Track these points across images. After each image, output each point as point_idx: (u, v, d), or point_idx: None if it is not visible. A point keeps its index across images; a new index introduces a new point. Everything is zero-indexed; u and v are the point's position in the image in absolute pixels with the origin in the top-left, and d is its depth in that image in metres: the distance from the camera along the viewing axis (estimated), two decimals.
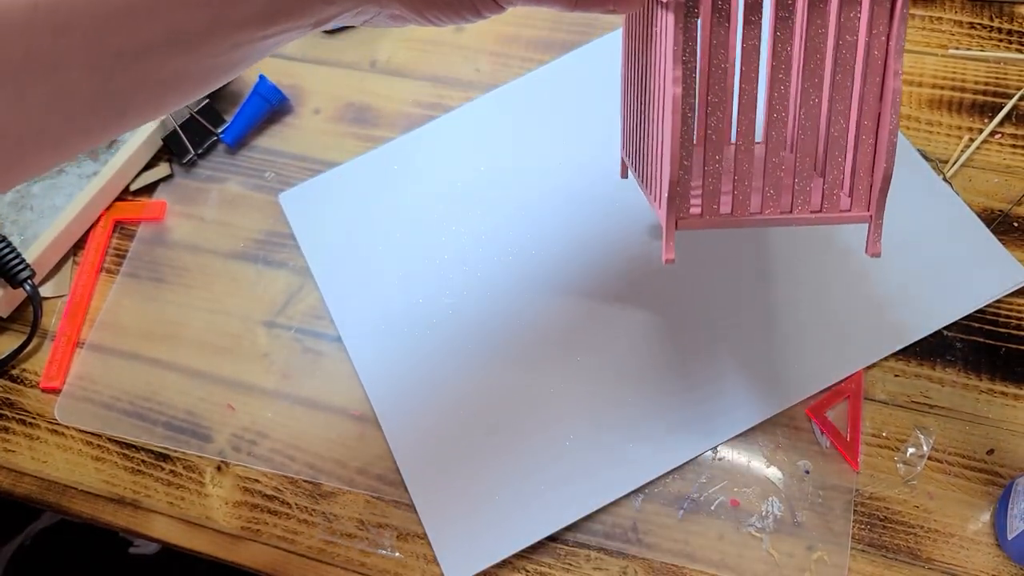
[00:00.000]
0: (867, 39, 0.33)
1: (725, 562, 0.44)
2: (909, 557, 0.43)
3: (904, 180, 0.52)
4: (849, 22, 0.33)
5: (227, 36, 0.30)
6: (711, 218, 0.34)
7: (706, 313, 0.49)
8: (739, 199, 0.34)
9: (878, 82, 0.33)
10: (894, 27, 0.32)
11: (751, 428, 0.47)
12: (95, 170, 0.57)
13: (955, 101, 0.55)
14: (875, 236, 0.34)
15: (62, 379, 0.53)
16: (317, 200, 0.57)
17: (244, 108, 0.59)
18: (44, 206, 0.56)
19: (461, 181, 0.56)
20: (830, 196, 0.35)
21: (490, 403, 0.49)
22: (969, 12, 0.58)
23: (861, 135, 0.34)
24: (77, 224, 0.57)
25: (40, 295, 0.55)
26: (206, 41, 0.29)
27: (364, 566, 0.46)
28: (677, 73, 0.32)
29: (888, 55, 0.33)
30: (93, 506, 0.50)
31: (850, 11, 0.33)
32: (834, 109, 0.34)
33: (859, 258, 0.50)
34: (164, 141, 0.59)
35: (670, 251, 0.34)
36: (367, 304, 0.53)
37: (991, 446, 0.45)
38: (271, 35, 0.31)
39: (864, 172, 0.34)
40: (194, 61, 0.30)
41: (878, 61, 0.33)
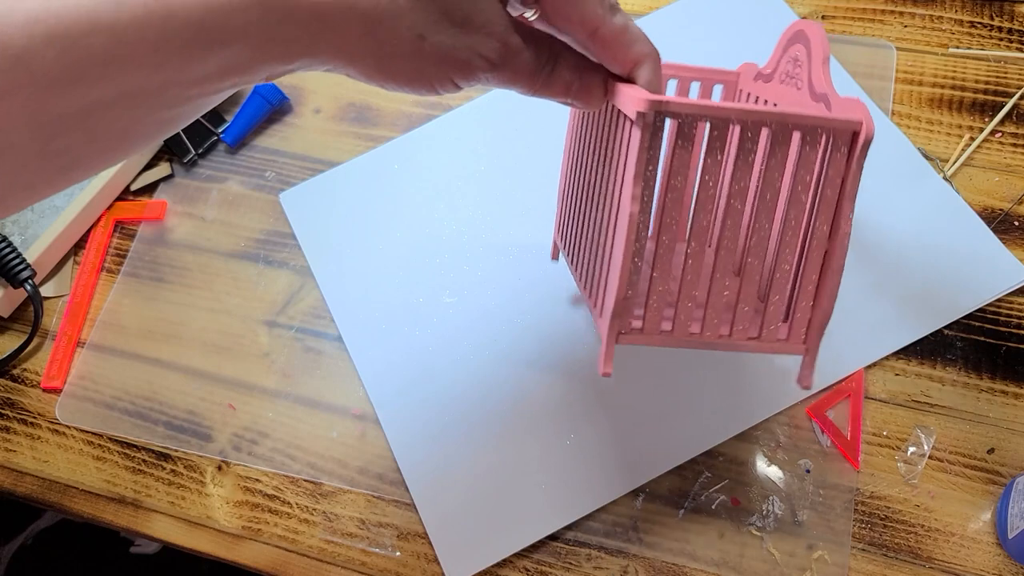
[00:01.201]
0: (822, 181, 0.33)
1: (726, 561, 0.44)
2: (910, 556, 0.43)
3: (904, 179, 0.52)
4: (807, 162, 0.33)
5: (180, 92, 0.29)
6: (651, 336, 0.34)
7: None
8: (681, 319, 0.34)
9: (828, 223, 0.33)
10: (850, 172, 0.32)
11: (752, 427, 0.47)
12: None
13: (955, 100, 0.55)
14: (807, 371, 0.34)
15: (63, 379, 0.53)
16: (318, 199, 0.57)
17: (244, 108, 0.59)
18: (45, 206, 0.56)
19: (462, 180, 0.56)
20: (769, 326, 0.35)
21: (491, 402, 0.49)
22: (969, 11, 0.58)
23: (807, 271, 0.34)
24: (78, 224, 0.57)
25: (41, 295, 0.55)
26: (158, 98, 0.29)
27: (365, 565, 0.46)
28: (636, 191, 0.32)
29: (842, 198, 0.33)
30: (94, 506, 0.50)
31: (810, 151, 0.33)
32: (783, 243, 0.34)
33: (859, 257, 0.50)
34: (165, 141, 0.59)
35: (608, 365, 0.33)
36: (368, 303, 0.53)
37: (992, 445, 0.45)
38: (223, 89, 0.30)
39: (804, 308, 0.34)
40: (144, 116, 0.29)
41: (831, 202, 0.33)
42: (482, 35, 0.32)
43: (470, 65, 0.32)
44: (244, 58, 0.29)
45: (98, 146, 0.30)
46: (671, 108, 0.31)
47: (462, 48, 0.31)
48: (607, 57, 0.34)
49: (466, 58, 0.32)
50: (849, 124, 0.32)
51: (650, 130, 0.31)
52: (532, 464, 0.47)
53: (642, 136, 0.31)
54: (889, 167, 0.52)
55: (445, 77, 0.32)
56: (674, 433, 0.47)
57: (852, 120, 0.32)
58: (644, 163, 0.32)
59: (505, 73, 0.33)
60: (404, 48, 0.31)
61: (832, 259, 0.33)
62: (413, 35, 0.30)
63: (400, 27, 0.30)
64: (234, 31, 0.28)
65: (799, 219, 0.34)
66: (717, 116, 0.32)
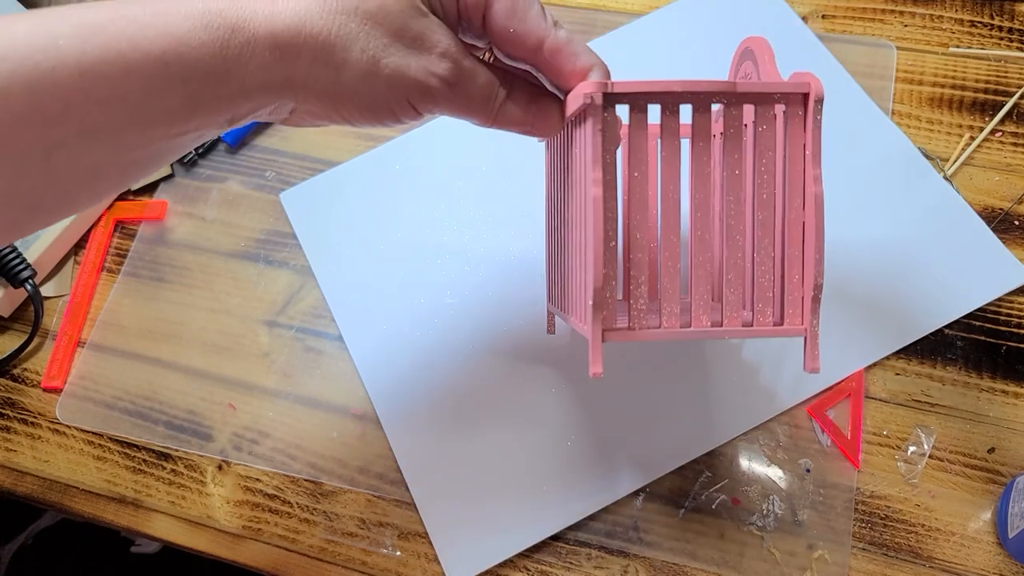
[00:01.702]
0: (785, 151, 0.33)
1: (726, 561, 0.44)
2: (910, 555, 0.44)
3: (905, 179, 0.52)
4: (765, 134, 0.33)
5: (141, 132, 0.29)
6: (639, 331, 0.33)
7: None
8: (666, 312, 0.33)
9: (800, 192, 0.33)
10: (808, 133, 0.33)
11: (752, 427, 0.47)
12: None
13: (956, 99, 0.55)
14: (812, 352, 0.33)
15: (63, 379, 0.53)
16: (318, 199, 0.57)
17: None
18: None
19: (463, 180, 0.56)
20: (761, 310, 0.34)
21: (492, 402, 0.49)
22: (970, 10, 0.58)
23: (790, 245, 0.33)
24: (78, 224, 0.57)
25: (41, 295, 0.55)
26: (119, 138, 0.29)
27: (365, 565, 0.46)
28: (597, 175, 0.32)
29: (806, 162, 0.33)
30: (95, 505, 0.50)
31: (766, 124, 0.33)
32: (759, 221, 0.34)
33: (860, 257, 0.50)
34: None
35: (597, 364, 0.32)
36: (369, 303, 0.53)
37: (992, 444, 0.46)
38: (186, 132, 0.31)
39: (795, 284, 0.33)
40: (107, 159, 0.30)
41: (798, 169, 0.33)
42: (435, 55, 0.32)
43: (425, 85, 0.32)
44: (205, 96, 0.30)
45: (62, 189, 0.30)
46: (618, 89, 0.31)
47: (416, 68, 0.32)
48: (556, 70, 0.34)
49: (421, 77, 0.32)
50: (798, 87, 0.32)
51: (601, 114, 0.32)
52: (533, 464, 0.47)
53: (594, 121, 0.32)
54: (889, 167, 0.52)
55: (402, 99, 0.33)
56: (675, 434, 0.47)
57: (800, 83, 0.32)
58: (600, 147, 0.32)
59: (460, 96, 0.34)
60: (359, 70, 0.31)
61: (811, 227, 0.33)
62: (367, 57, 0.31)
63: (354, 50, 0.31)
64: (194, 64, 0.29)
65: (770, 193, 0.33)
66: (666, 93, 0.32)
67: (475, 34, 0.35)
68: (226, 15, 0.29)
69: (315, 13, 0.30)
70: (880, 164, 0.53)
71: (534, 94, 0.36)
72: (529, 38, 0.33)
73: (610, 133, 0.32)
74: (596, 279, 0.32)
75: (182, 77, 0.29)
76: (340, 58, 0.31)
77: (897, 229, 0.51)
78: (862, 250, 0.50)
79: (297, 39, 0.30)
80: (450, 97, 0.33)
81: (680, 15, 0.60)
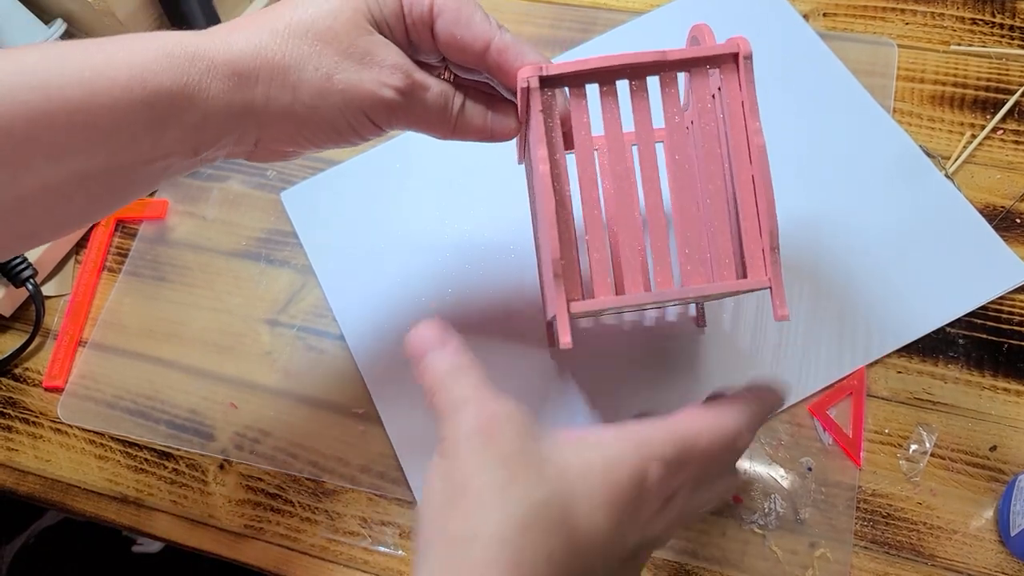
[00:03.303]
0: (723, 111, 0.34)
1: (727, 559, 0.44)
2: (912, 554, 0.43)
3: (906, 177, 0.52)
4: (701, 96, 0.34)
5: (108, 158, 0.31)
6: (604, 298, 0.33)
7: (709, 312, 0.49)
8: (631, 279, 0.34)
9: (744, 147, 0.34)
10: (743, 92, 0.34)
11: None
12: None
13: (957, 97, 0.55)
14: (779, 300, 0.33)
15: (64, 378, 0.53)
16: (319, 198, 0.57)
17: None
18: None
19: (464, 178, 0.56)
20: (721, 265, 0.34)
21: None
22: (971, 8, 0.58)
23: (742, 201, 0.34)
24: None
25: (42, 294, 0.55)
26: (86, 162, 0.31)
27: (367, 564, 0.46)
28: (542, 152, 0.33)
29: (745, 115, 0.34)
30: (96, 505, 0.50)
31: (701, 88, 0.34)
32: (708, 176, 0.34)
33: (861, 256, 0.50)
34: None
35: (566, 335, 0.32)
36: (370, 302, 0.53)
37: (994, 443, 0.45)
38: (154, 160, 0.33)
39: (752, 237, 0.34)
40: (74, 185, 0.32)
41: (738, 125, 0.34)
42: (386, 68, 0.34)
43: (379, 96, 0.34)
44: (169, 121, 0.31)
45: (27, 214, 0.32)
46: (552, 71, 0.33)
47: (368, 80, 0.33)
48: (505, 70, 0.35)
49: (374, 88, 0.34)
50: (726, 47, 0.34)
51: (539, 96, 0.33)
52: None
53: (534, 103, 0.33)
54: (890, 165, 0.52)
55: (359, 114, 0.34)
56: None
57: (728, 45, 0.34)
58: (543, 127, 0.33)
59: (416, 106, 0.35)
60: (314, 88, 0.33)
61: (760, 178, 0.33)
62: (320, 75, 0.33)
63: (307, 69, 0.33)
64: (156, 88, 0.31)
65: (713, 152, 0.34)
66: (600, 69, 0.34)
67: (427, 50, 0.36)
68: (186, 45, 0.31)
69: (269, 39, 0.32)
70: (881, 162, 0.53)
71: (489, 100, 0.37)
72: (476, 42, 0.34)
73: (551, 112, 0.34)
74: (553, 250, 0.32)
75: (145, 101, 0.30)
76: (295, 78, 0.33)
77: (898, 227, 0.51)
78: (863, 248, 0.50)
79: (254, 63, 0.32)
80: (406, 107, 0.35)
81: (681, 13, 0.59)
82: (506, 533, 0.27)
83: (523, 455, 0.29)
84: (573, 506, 0.28)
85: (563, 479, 0.28)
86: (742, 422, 0.33)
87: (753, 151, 0.33)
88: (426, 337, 0.33)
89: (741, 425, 0.33)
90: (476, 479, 0.28)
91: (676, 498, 0.31)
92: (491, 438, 0.29)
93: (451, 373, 0.32)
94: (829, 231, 0.51)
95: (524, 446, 0.29)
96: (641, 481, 0.29)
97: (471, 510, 0.27)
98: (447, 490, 0.29)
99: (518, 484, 0.28)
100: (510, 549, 0.26)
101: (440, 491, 0.29)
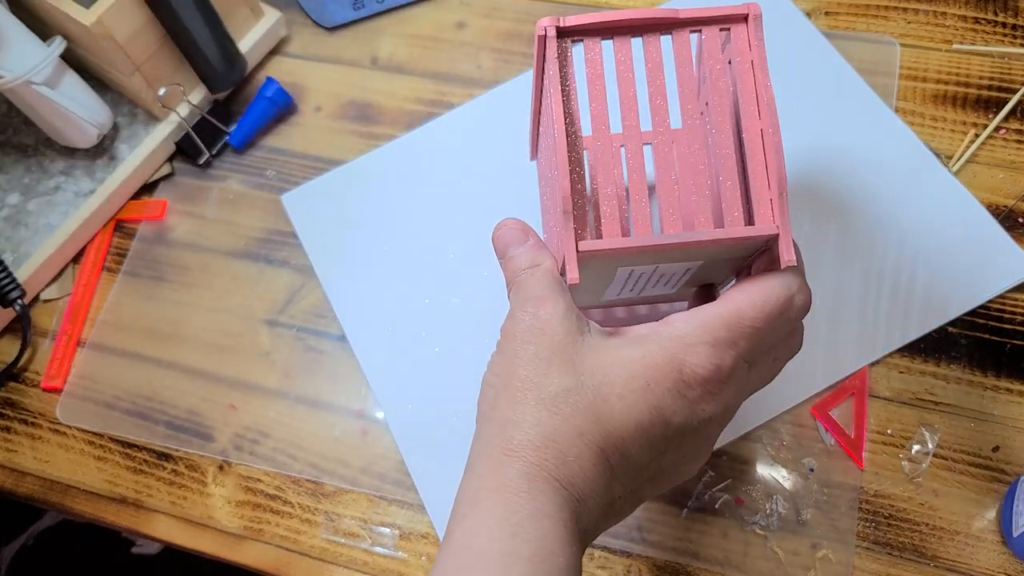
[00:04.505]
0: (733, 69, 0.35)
1: (729, 560, 0.44)
2: (914, 555, 0.43)
3: (911, 174, 0.52)
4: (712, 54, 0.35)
5: None
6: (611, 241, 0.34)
7: None
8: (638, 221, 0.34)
9: (754, 100, 0.34)
10: (753, 51, 0.35)
11: (756, 427, 0.47)
12: (91, 188, 0.56)
13: (959, 96, 0.55)
14: (786, 246, 0.33)
15: (63, 379, 0.53)
16: (320, 200, 0.56)
17: (250, 111, 0.59)
18: (39, 224, 0.55)
19: (465, 179, 0.56)
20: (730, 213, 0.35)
21: None
22: (973, 7, 0.58)
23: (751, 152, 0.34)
24: (71, 243, 0.55)
25: (30, 317, 0.54)
26: None
27: (367, 565, 0.46)
28: (557, 96, 0.34)
29: (755, 71, 0.34)
30: (95, 506, 0.50)
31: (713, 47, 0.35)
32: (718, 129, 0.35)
33: (862, 255, 0.50)
34: (176, 143, 0.58)
35: (573, 272, 0.33)
36: (373, 303, 0.52)
37: (996, 443, 0.45)
38: None
39: (761, 187, 0.34)
40: None
41: (748, 83, 0.34)
42: None
43: None
44: None
45: None
46: (569, 23, 0.34)
47: None
48: None
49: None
50: (736, 8, 0.35)
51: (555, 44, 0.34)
52: None
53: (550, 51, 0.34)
54: (895, 161, 0.52)
55: None
56: None
57: (738, 7, 0.35)
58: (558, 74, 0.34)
59: None
60: None
61: (768, 132, 0.34)
62: None
63: None
64: None
65: (723, 106, 0.35)
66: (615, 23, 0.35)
67: None
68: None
69: None
70: (886, 159, 0.52)
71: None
72: None
73: (565, 60, 0.35)
74: (564, 187, 0.33)
75: None
76: None
77: (903, 224, 0.50)
78: (865, 247, 0.50)
79: None
80: None
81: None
82: (540, 415, 0.31)
83: (565, 349, 0.32)
84: (606, 391, 0.31)
85: (598, 369, 0.32)
86: (792, 284, 0.33)
87: (762, 105, 0.34)
88: (509, 233, 0.37)
89: (791, 287, 0.33)
90: (521, 370, 0.32)
91: (734, 375, 0.32)
92: (541, 334, 0.32)
93: (527, 270, 0.35)
94: (831, 228, 0.51)
95: (568, 341, 0.32)
96: (679, 366, 0.31)
97: (515, 397, 0.32)
98: (499, 380, 0.33)
99: (553, 375, 0.31)
100: (542, 429, 0.31)
101: (493, 382, 0.34)
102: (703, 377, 0.31)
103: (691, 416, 0.32)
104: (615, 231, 0.34)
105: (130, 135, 0.58)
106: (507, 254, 0.37)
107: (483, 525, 0.29)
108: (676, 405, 0.31)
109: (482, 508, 0.30)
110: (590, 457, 0.31)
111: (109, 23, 0.49)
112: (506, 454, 0.31)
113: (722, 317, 0.32)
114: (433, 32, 0.62)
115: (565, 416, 0.31)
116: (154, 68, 0.54)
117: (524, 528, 0.29)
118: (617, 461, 0.31)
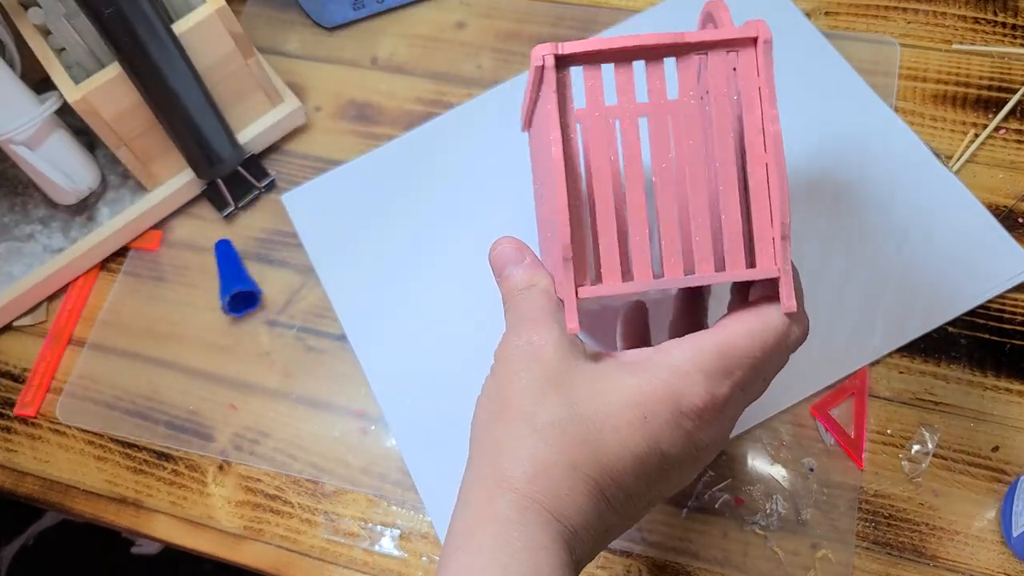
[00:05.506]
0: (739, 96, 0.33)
1: (729, 560, 0.44)
2: (914, 555, 0.43)
3: (911, 173, 0.52)
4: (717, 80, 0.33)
5: None
6: (613, 284, 0.33)
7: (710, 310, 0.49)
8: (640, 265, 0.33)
9: (759, 132, 0.33)
10: (761, 78, 0.33)
11: (755, 426, 0.47)
12: (61, 247, 0.54)
13: (959, 96, 0.55)
14: (787, 292, 0.32)
15: (36, 408, 0.52)
16: (321, 200, 0.56)
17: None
18: (1, 272, 0.54)
19: (466, 179, 0.56)
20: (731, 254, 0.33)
21: None
22: (973, 7, 0.58)
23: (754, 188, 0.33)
24: (31, 295, 0.54)
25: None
26: None
27: (367, 565, 0.46)
28: (556, 134, 0.32)
29: (762, 102, 0.33)
30: (95, 506, 0.50)
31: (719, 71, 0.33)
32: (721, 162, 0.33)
33: (862, 255, 0.50)
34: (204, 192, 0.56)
35: (573, 320, 0.32)
36: (374, 303, 0.52)
37: (996, 443, 0.45)
38: None
39: (763, 226, 0.33)
40: None
41: (754, 111, 0.33)
42: None
43: None
44: None
45: None
46: (568, 50, 0.32)
47: None
48: None
49: None
50: (745, 31, 0.33)
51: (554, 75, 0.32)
52: None
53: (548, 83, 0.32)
54: (895, 161, 0.52)
55: None
56: None
57: (747, 29, 0.33)
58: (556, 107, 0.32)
59: None
60: None
61: (773, 167, 0.32)
62: None
63: None
64: None
65: (726, 138, 0.33)
66: (616, 50, 0.33)
67: None
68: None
69: None
70: (885, 158, 0.52)
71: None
72: None
73: (564, 93, 0.33)
74: (564, 235, 0.32)
75: None
76: None
77: (903, 224, 0.50)
78: (865, 247, 0.50)
79: None
80: None
81: (681, 11, 0.59)
82: (533, 446, 0.30)
83: (558, 376, 0.31)
84: (601, 422, 0.30)
85: (593, 397, 0.31)
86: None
87: (768, 139, 0.32)
88: (505, 252, 0.37)
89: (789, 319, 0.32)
90: (515, 397, 0.32)
91: (730, 402, 0.32)
92: (534, 360, 0.32)
93: (523, 291, 0.35)
94: (831, 228, 0.51)
95: (562, 368, 0.32)
96: (677, 398, 0.31)
97: (508, 425, 0.31)
98: (493, 406, 0.33)
99: (547, 403, 0.31)
100: (536, 461, 0.30)
101: (487, 406, 0.33)
102: (700, 408, 0.31)
103: (688, 446, 0.31)
104: (615, 275, 0.33)
105: (115, 199, 0.56)
106: (503, 273, 0.36)
107: (477, 559, 0.29)
108: (673, 436, 0.31)
109: (475, 541, 0.29)
110: (584, 491, 0.30)
111: (95, 101, 0.48)
112: (499, 485, 0.30)
113: (719, 347, 0.31)
114: (433, 32, 0.62)
115: (559, 448, 0.30)
116: (143, 146, 0.52)
117: (518, 560, 0.28)
118: (612, 493, 0.31)
